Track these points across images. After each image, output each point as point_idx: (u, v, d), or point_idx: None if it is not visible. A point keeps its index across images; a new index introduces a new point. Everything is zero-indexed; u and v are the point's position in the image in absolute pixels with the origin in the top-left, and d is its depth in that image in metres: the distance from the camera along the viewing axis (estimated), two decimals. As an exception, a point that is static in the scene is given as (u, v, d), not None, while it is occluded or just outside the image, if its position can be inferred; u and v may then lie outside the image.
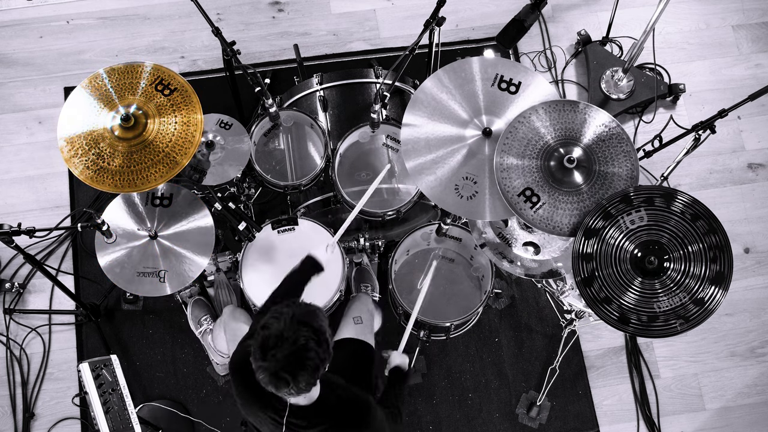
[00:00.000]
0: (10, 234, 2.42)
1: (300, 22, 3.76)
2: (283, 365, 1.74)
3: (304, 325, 1.77)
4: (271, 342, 1.75)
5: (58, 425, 3.17)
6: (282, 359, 1.74)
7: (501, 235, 2.71)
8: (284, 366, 1.75)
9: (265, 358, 1.75)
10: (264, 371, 1.76)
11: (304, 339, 1.75)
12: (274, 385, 1.78)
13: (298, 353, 1.75)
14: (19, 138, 3.54)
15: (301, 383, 1.77)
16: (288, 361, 1.74)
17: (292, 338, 1.75)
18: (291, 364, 1.75)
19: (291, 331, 1.75)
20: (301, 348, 1.75)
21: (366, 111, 2.80)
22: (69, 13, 3.74)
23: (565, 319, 3.06)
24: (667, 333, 2.24)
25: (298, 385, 1.77)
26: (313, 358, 1.76)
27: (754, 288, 3.43)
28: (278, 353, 1.74)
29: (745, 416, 3.28)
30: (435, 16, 2.61)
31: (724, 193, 3.56)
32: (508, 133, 2.44)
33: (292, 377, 1.75)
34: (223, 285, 3.18)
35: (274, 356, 1.74)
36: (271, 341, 1.75)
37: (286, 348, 1.74)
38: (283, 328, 1.76)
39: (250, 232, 2.64)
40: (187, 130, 2.54)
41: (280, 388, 1.78)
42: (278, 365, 1.75)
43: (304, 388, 1.80)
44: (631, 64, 3.45)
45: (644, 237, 2.30)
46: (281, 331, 1.76)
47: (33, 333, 3.26)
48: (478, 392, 3.23)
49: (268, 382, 1.78)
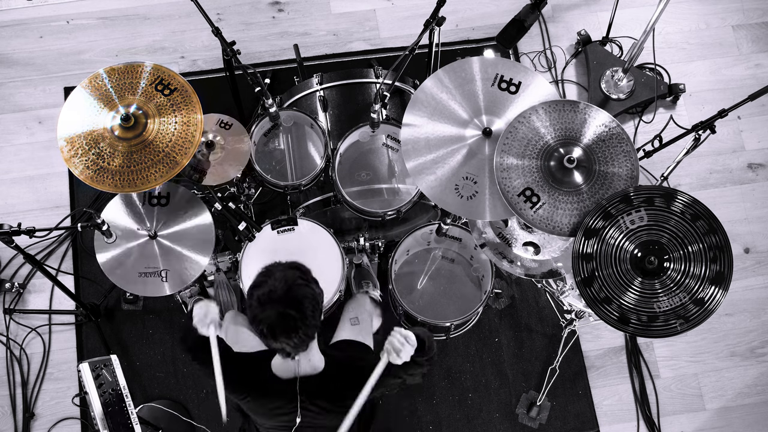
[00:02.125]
0: (10, 234, 2.42)
1: (300, 22, 3.76)
2: (285, 304, 1.84)
3: (290, 268, 1.90)
4: (265, 291, 1.85)
5: (58, 425, 3.17)
6: (283, 296, 1.84)
7: (501, 235, 2.71)
8: (287, 304, 1.84)
9: (263, 307, 1.84)
10: (265, 321, 1.84)
11: (293, 277, 1.87)
12: (282, 328, 1.84)
13: (295, 290, 1.85)
14: (19, 138, 3.54)
15: (308, 317, 1.85)
16: (288, 298, 1.84)
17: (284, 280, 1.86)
18: (292, 300, 1.84)
19: (281, 274, 1.87)
20: (295, 285, 1.86)
21: (366, 111, 2.80)
22: (69, 13, 3.74)
23: (565, 319, 3.06)
24: (667, 333, 2.24)
25: (305, 321, 1.85)
26: (308, 294, 1.87)
27: (754, 288, 3.43)
28: (275, 293, 1.84)
29: (745, 416, 3.28)
30: (435, 16, 2.61)
31: (724, 193, 3.56)
32: (508, 133, 2.44)
33: (298, 312, 1.84)
34: (223, 285, 3.17)
35: (272, 298, 1.84)
36: (266, 290, 1.85)
37: (281, 287, 1.84)
38: (276, 280, 1.86)
39: (250, 232, 2.64)
40: (187, 130, 2.54)
41: (289, 330, 1.84)
42: (281, 306, 1.83)
43: (311, 323, 1.87)
44: (631, 64, 3.45)
45: (644, 237, 2.30)
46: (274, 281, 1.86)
47: (33, 333, 3.26)
48: (478, 392, 3.23)
49: (275, 328, 1.84)
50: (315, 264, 2.35)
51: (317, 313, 1.89)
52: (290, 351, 1.93)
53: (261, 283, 1.88)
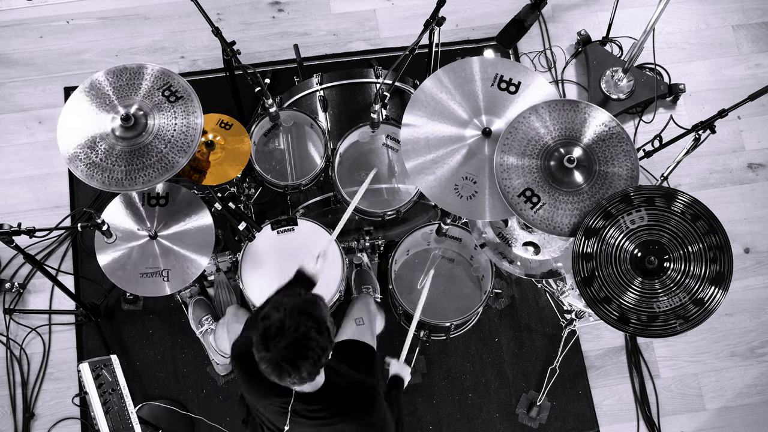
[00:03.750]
0: (10, 234, 2.42)
1: (300, 22, 3.76)
2: (284, 355, 1.75)
3: (305, 314, 1.78)
4: (272, 332, 1.75)
5: (58, 425, 3.17)
6: (283, 349, 1.75)
7: (501, 235, 2.71)
8: (286, 356, 1.75)
9: (267, 349, 1.76)
10: (266, 361, 1.77)
11: (305, 328, 1.75)
12: (277, 374, 1.78)
13: (300, 342, 1.75)
14: (19, 138, 3.54)
15: (303, 372, 1.78)
16: (289, 350, 1.75)
17: (293, 327, 1.75)
18: (292, 353, 1.75)
19: (292, 321, 1.76)
20: (302, 337, 1.75)
21: (366, 111, 2.80)
22: (69, 13, 3.74)
23: (565, 319, 3.06)
24: (667, 333, 2.24)
25: (300, 375, 1.78)
26: (314, 347, 1.76)
27: (754, 288, 3.43)
28: (279, 343, 1.75)
29: (745, 416, 3.28)
30: (435, 16, 2.61)
31: (724, 193, 3.56)
32: (508, 133, 2.44)
33: (294, 367, 1.76)
34: (223, 285, 3.18)
35: (275, 346, 1.75)
36: (272, 331, 1.75)
37: (287, 338, 1.74)
38: (284, 318, 1.76)
39: (250, 232, 2.64)
40: (187, 131, 2.54)
41: (283, 377, 1.79)
42: (280, 355, 1.75)
43: (306, 377, 1.80)
44: (631, 64, 3.45)
45: (644, 237, 2.30)
46: (282, 321, 1.76)
47: (33, 333, 3.26)
48: (478, 392, 3.23)
49: (271, 372, 1.79)
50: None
51: (320, 364, 1.80)
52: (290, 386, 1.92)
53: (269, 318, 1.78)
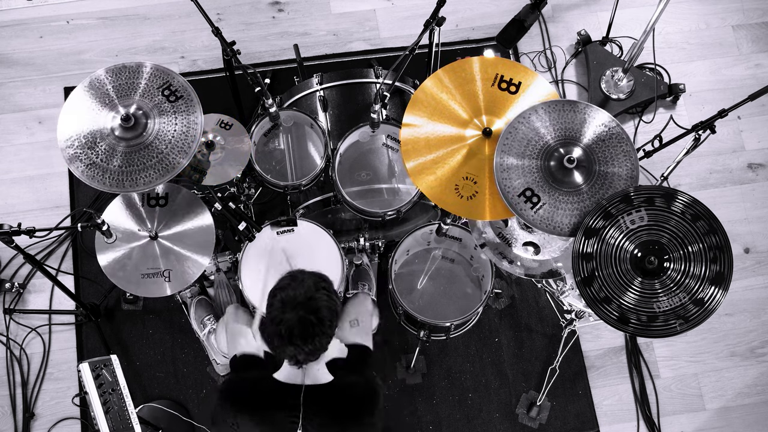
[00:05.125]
0: (10, 234, 2.42)
1: (300, 22, 3.76)
2: (307, 310, 1.91)
3: (316, 277, 1.99)
4: (290, 293, 1.93)
5: (58, 425, 3.17)
6: (305, 302, 1.92)
7: (501, 235, 2.71)
8: (309, 310, 1.92)
9: (285, 311, 1.92)
10: (287, 322, 1.91)
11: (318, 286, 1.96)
12: (300, 333, 1.91)
13: (318, 299, 1.94)
14: (19, 138, 3.54)
15: (326, 327, 1.94)
16: (311, 305, 1.92)
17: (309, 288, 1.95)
18: (314, 308, 1.92)
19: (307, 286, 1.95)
20: (320, 294, 1.94)
21: (366, 111, 2.80)
22: (69, 13, 3.74)
23: (565, 319, 3.06)
24: (667, 333, 2.24)
25: (323, 330, 1.93)
26: (330, 305, 1.95)
27: (754, 288, 3.43)
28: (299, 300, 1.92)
29: (745, 416, 3.28)
30: (435, 16, 2.61)
31: (724, 193, 3.56)
32: (508, 133, 2.44)
33: (318, 320, 1.92)
34: (223, 285, 3.18)
35: (296, 305, 1.91)
36: (290, 292, 1.93)
37: (304, 295, 1.93)
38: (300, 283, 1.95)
39: (250, 232, 2.64)
40: (188, 131, 2.54)
41: (306, 336, 1.91)
42: (303, 311, 1.91)
43: (328, 332, 1.95)
44: (631, 64, 3.45)
45: (644, 237, 2.30)
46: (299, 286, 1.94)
47: (33, 333, 3.26)
48: (478, 392, 3.23)
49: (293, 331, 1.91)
50: (315, 264, 2.35)
51: (334, 325, 1.98)
52: (302, 359, 1.97)
53: (286, 286, 1.96)
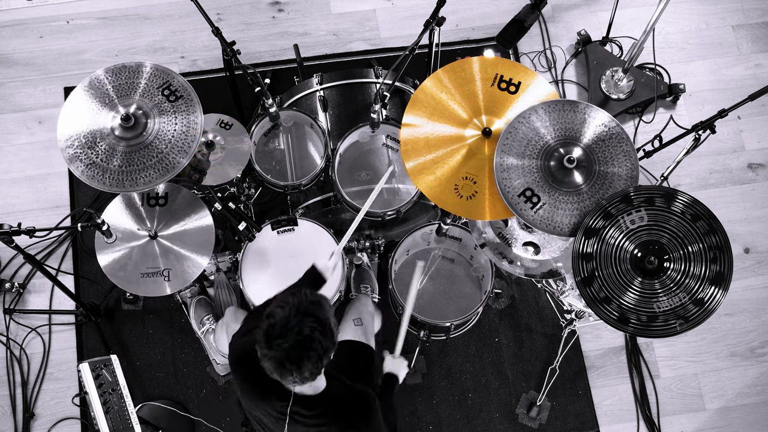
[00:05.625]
0: (10, 234, 2.42)
1: (300, 22, 3.76)
2: (287, 354, 1.77)
3: (309, 315, 1.79)
4: (276, 331, 1.77)
5: (58, 425, 3.17)
6: (287, 348, 1.76)
7: (501, 235, 2.71)
8: (289, 355, 1.77)
9: (270, 347, 1.78)
10: (269, 360, 1.79)
11: (309, 329, 1.77)
12: (279, 373, 1.80)
13: (303, 343, 1.77)
14: (19, 138, 3.54)
15: (305, 372, 1.80)
16: (293, 350, 1.77)
17: (297, 328, 1.77)
18: (296, 352, 1.77)
19: (296, 321, 1.78)
20: (306, 338, 1.77)
21: (366, 111, 2.80)
22: (69, 13, 3.74)
23: (565, 319, 3.06)
24: (667, 333, 2.24)
25: (302, 374, 1.80)
26: (317, 348, 1.78)
27: (754, 288, 3.43)
28: (283, 342, 1.76)
29: (745, 416, 3.28)
30: (435, 16, 2.61)
31: (724, 193, 3.56)
32: (508, 133, 2.44)
33: (297, 366, 1.78)
34: (223, 285, 3.18)
35: (279, 345, 1.77)
36: (276, 330, 1.77)
37: (291, 337, 1.76)
38: (289, 317, 1.78)
39: (250, 232, 2.64)
40: (188, 131, 2.54)
41: (285, 376, 1.81)
42: (283, 354, 1.77)
43: (308, 377, 1.82)
44: (631, 64, 3.45)
45: (644, 237, 2.30)
46: (286, 321, 1.78)
47: (33, 333, 3.26)
48: (478, 392, 3.23)
49: (273, 371, 1.80)
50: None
51: (319, 367, 1.82)
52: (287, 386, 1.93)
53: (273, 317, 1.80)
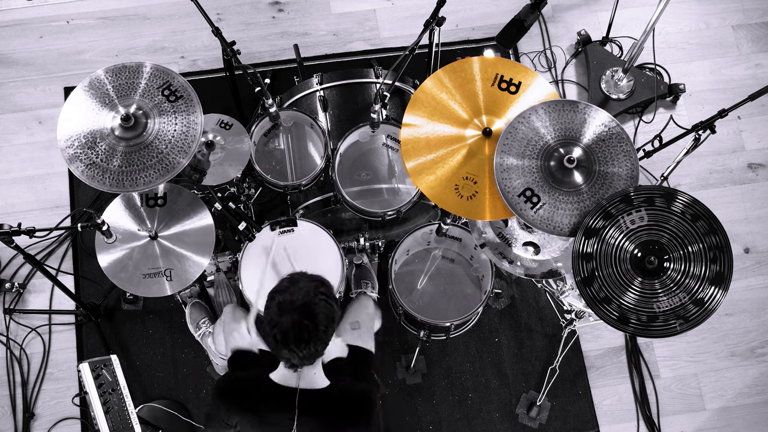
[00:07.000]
0: (10, 234, 2.42)
1: (300, 22, 3.76)
2: (302, 315, 1.90)
3: (315, 281, 1.96)
4: (287, 296, 1.92)
5: (58, 425, 3.17)
6: (301, 307, 1.91)
7: (501, 235, 2.71)
8: (304, 315, 1.90)
9: (281, 315, 1.91)
10: (282, 326, 1.90)
11: (316, 291, 1.93)
12: (295, 337, 1.89)
13: (315, 304, 1.92)
14: (19, 138, 3.54)
15: (321, 333, 1.92)
16: (306, 310, 1.91)
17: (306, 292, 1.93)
18: (309, 313, 1.91)
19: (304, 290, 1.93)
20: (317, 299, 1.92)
21: (366, 111, 2.80)
22: (69, 13, 3.74)
23: (565, 319, 3.06)
24: (667, 333, 2.24)
25: (317, 336, 1.92)
26: (326, 310, 1.93)
27: (754, 288, 3.43)
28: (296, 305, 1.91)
29: (745, 416, 3.28)
30: (435, 16, 2.61)
31: (724, 193, 3.56)
32: (508, 133, 2.44)
33: (313, 325, 1.90)
34: (223, 285, 3.18)
35: (291, 309, 1.90)
36: (287, 296, 1.92)
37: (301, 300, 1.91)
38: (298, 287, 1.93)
39: (250, 232, 2.64)
40: (188, 131, 2.54)
41: (300, 341, 1.90)
42: (298, 316, 1.90)
43: (322, 338, 1.94)
44: (631, 64, 3.45)
45: (644, 237, 2.30)
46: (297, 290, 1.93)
47: (33, 333, 3.26)
48: (478, 392, 3.23)
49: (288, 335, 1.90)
50: (314, 265, 2.35)
51: (330, 331, 1.96)
52: (296, 362, 1.97)
53: (284, 289, 1.94)
